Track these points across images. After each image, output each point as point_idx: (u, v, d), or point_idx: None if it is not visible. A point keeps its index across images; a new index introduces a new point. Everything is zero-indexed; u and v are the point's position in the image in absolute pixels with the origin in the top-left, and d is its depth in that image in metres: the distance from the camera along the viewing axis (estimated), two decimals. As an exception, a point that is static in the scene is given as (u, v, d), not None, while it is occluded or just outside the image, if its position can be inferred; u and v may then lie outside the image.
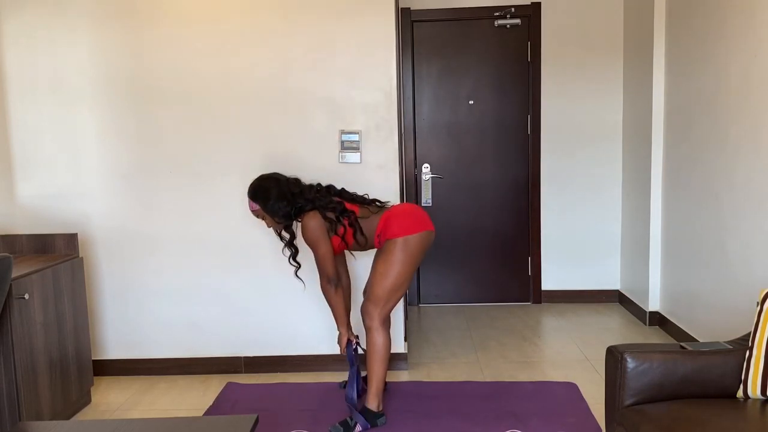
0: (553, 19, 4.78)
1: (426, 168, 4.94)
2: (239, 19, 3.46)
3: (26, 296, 2.71)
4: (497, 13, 4.79)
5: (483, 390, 3.31)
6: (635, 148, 4.52)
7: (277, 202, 2.95)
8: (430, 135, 4.93)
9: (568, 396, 3.21)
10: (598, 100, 4.81)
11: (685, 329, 3.88)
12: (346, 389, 3.33)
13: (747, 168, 3.12)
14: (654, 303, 4.31)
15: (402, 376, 3.56)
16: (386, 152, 3.51)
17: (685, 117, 3.82)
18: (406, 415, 3.03)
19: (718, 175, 3.42)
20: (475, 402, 3.16)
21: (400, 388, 3.35)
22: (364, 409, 2.94)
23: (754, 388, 2.11)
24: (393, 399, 3.21)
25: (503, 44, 4.85)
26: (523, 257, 5.00)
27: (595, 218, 4.91)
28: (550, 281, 4.99)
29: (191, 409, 3.23)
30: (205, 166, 3.56)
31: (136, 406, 3.28)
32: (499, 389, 3.31)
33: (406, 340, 3.70)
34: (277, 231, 3.12)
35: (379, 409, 2.95)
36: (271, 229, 3.17)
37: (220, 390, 3.42)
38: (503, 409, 3.07)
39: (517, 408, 3.07)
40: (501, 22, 4.81)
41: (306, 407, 3.16)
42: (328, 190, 3.07)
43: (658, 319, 4.29)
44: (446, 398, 3.21)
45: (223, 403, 3.23)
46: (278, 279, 3.61)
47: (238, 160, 3.54)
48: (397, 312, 3.56)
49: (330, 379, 3.53)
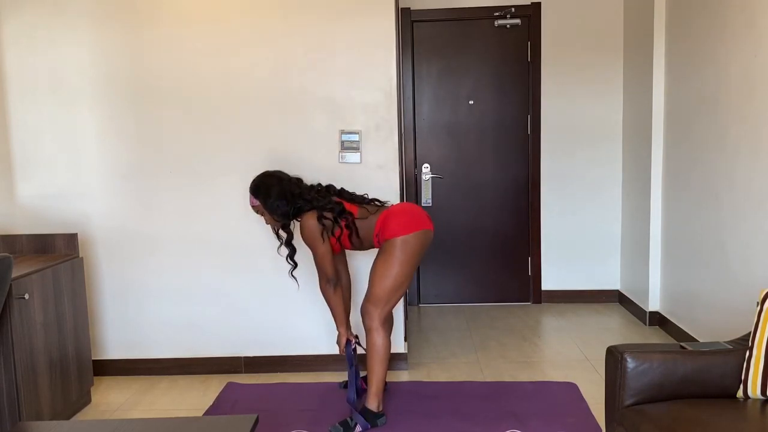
0: (553, 19, 4.78)
1: (426, 168, 4.94)
2: (239, 19, 3.46)
3: (26, 296, 2.71)
4: (497, 13, 4.79)
5: (483, 390, 3.31)
6: (635, 148, 4.52)
7: (277, 201, 2.96)
8: (430, 135, 4.93)
9: (568, 396, 3.21)
10: (598, 100, 4.81)
11: (685, 329, 3.88)
12: (347, 389, 3.34)
13: (747, 168, 3.12)
14: (654, 303, 4.31)
15: (402, 376, 3.56)
16: (386, 152, 3.51)
17: (685, 117, 3.82)
18: (406, 415, 3.03)
19: (718, 175, 3.42)
20: (475, 402, 3.16)
21: (400, 388, 3.35)
22: (364, 409, 2.93)
23: (754, 388, 2.11)
24: (393, 399, 3.21)
25: (503, 44, 4.85)
26: (523, 257, 5.00)
27: (595, 218, 4.91)
28: (550, 281, 4.99)
29: (191, 409, 3.23)
30: (205, 166, 3.56)
31: (136, 406, 3.28)
32: (499, 389, 3.31)
33: (406, 340, 3.69)
34: (274, 229, 3.13)
35: (379, 409, 2.95)
36: (269, 226, 3.17)
37: (220, 390, 3.42)
38: (503, 409, 3.07)
39: (517, 408, 3.07)
40: (501, 22, 4.81)
41: (306, 407, 3.16)
42: (328, 190, 3.08)
43: (658, 319, 4.29)
44: (446, 398, 3.21)
45: (223, 403, 3.23)
46: (278, 279, 3.61)
47: (238, 160, 3.54)
48: (397, 312, 3.56)
49: (330, 379, 3.53)
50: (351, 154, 3.49)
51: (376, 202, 3.10)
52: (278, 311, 3.64)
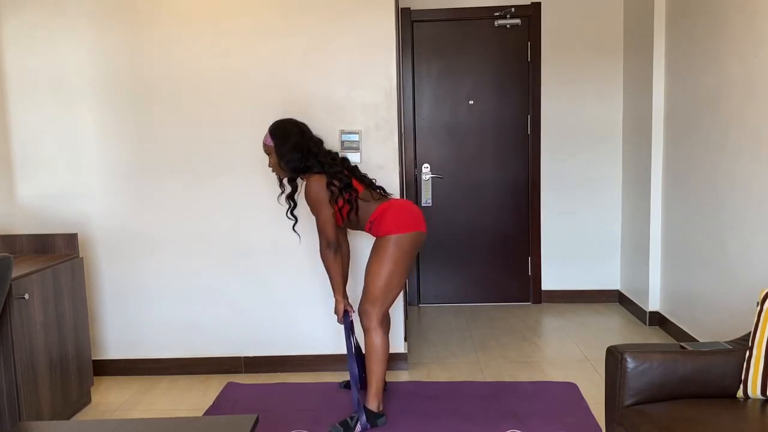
0: (553, 19, 4.78)
1: (426, 168, 4.94)
2: (239, 19, 3.46)
3: (26, 296, 2.71)
4: (497, 13, 4.79)
5: (483, 390, 3.31)
6: (635, 148, 4.52)
7: (292, 151, 2.92)
8: (430, 135, 4.93)
9: (568, 396, 3.21)
10: (598, 100, 4.81)
11: (685, 329, 3.88)
12: (347, 388, 3.34)
13: (747, 168, 3.12)
14: (654, 303, 4.31)
15: (402, 376, 3.56)
16: (386, 152, 3.51)
17: (685, 117, 3.82)
18: (406, 415, 3.03)
19: (719, 175, 3.42)
20: (475, 402, 3.16)
21: (400, 388, 3.35)
22: (364, 409, 2.93)
23: (754, 388, 2.11)
24: (393, 399, 3.21)
25: (503, 44, 4.85)
26: (523, 257, 5.00)
27: (595, 218, 4.91)
28: (550, 281, 4.99)
29: (191, 409, 3.23)
30: (205, 166, 3.56)
31: (136, 406, 3.28)
32: (499, 389, 3.31)
33: (406, 340, 3.69)
34: (278, 176, 3.07)
35: (379, 409, 2.95)
36: (272, 170, 3.09)
37: (220, 390, 3.42)
38: (503, 409, 3.07)
39: (517, 408, 3.07)
40: (501, 22, 4.81)
41: (306, 407, 3.16)
42: (343, 162, 3.03)
43: (658, 319, 4.29)
44: (446, 398, 3.21)
45: (223, 403, 3.23)
46: (278, 279, 3.61)
47: (238, 160, 3.54)
48: (397, 312, 3.56)
49: (330, 379, 3.53)
50: (351, 154, 3.49)
51: (381, 191, 3.09)
52: (278, 311, 3.64)
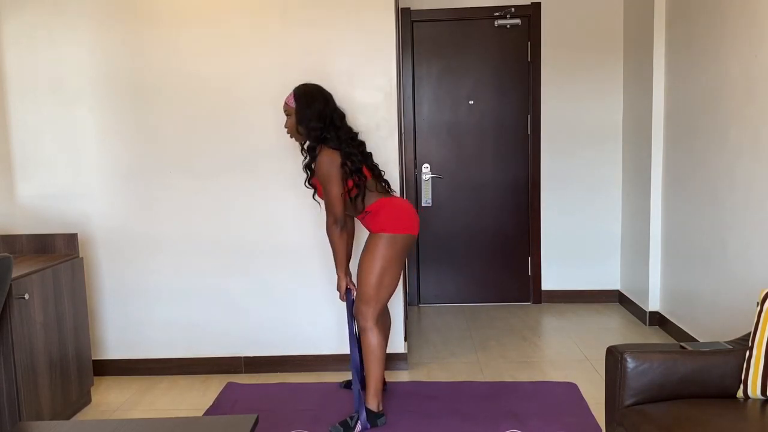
0: (553, 19, 4.78)
1: (426, 168, 4.94)
2: (239, 19, 3.46)
3: (26, 296, 2.71)
4: (497, 13, 4.79)
5: (483, 390, 3.31)
6: (635, 148, 4.52)
7: (314, 119, 2.90)
8: (430, 135, 4.93)
9: (568, 396, 3.21)
10: (598, 100, 4.81)
11: (685, 329, 3.88)
12: (347, 388, 3.34)
13: (747, 168, 3.12)
14: (654, 303, 4.31)
15: (402, 376, 3.56)
16: (386, 152, 3.51)
17: (685, 117, 3.82)
18: (406, 415, 3.03)
19: (719, 175, 3.42)
20: (475, 402, 3.16)
21: (400, 388, 3.35)
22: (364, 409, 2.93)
23: (754, 388, 2.11)
24: (393, 399, 3.21)
25: (503, 44, 4.85)
26: (523, 257, 5.00)
27: (595, 218, 4.91)
28: (550, 281, 4.99)
29: (191, 409, 3.23)
30: (205, 166, 3.56)
31: (136, 406, 3.28)
32: (499, 389, 3.31)
33: (406, 340, 3.69)
34: (294, 138, 3.04)
35: (379, 409, 2.95)
36: (287, 131, 3.06)
37: (220, 390, 3.42)
38: (503, 409, 3.07)
39: (517, 408, 3.07)
40: (501, 22, 4.80)
41: (306, 407, 3.16)
42: (359, 144, 3.02)
43: (658, 319, 4.29)
44: (446, 398, 3.21)
45: (223, 403, 3.23)
46: (278, 279, 3.61)
47: (238, 160, 3.54)
48: (397, 312, 3.56)
49: (330, 379, 3.53)
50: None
51: (386, 185, 3.09)
52: (278, 311, 3.64)
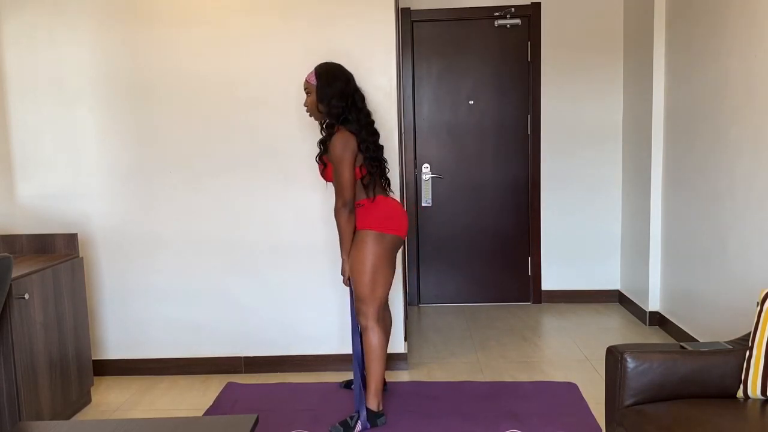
0: (553, 19, 4.78)
1: (426, 168, 4.94)
2: (239, 19, 3.46)
3: (26, 296, 2.71)
4: (497, 13, 4.79)
5: (483, 390, 3.31)
6: (635, 148, 4.52)
7: (336, 97, 2.88)
8: (430, 135, 4.93)
9: (568, 396, 3.21)
10: (598, 100, 4.81)
11: (685, 329, 3.88)
12: (347, 388, 3.34)
13: (747, 168, 3.12)
14: (654, 303, 4.31)
15: (402, 376, 3.56)
16: (386, 152, 3.50)
17: (686, 117, 3.82)
18: (406, 415, 3.03)
19: (719, 175, 3.42)
20: (475, 402, 3.16)
21: (400, 388, 3.35)
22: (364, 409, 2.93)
23: (754, 388, 2.11)
24: (393, 399, 3.21)
25: (503, 44, 4.85)
26: (523, 257, 5.00)
27: (595, 218, 4.91)
28: (550, 281, 4.99)
29: (191, 409, 3.23)
30: (205, 166, 3.56)
31: (136, 406, 3.28)
32: (499, 389, 3.31)
33: (406, 340, 3.69)
34: (313, 117, 3.03)
35: (379, 408, 2.95)
36: (305, 109, 3.05)
37: (220, 390, 3.42)
38: (503, 409, 3.07)
39: (517, 408, 3.07)
40: (501, 22, 4.81)
41: (306, 407, 3.16)
42: (376, 133, 3.01)
43: (658, 319, 4.29)
44: (446, 398, 3.21)
45: (223, 403, 3.23)
46: (278, 279, 3.61)
47: (238, 160, 3.54)
48: (397, 312, 3.56)
49: (330, 379, 3.53)
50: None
51: (386, 183, 3.08)
52: (278, 311, 3.64)
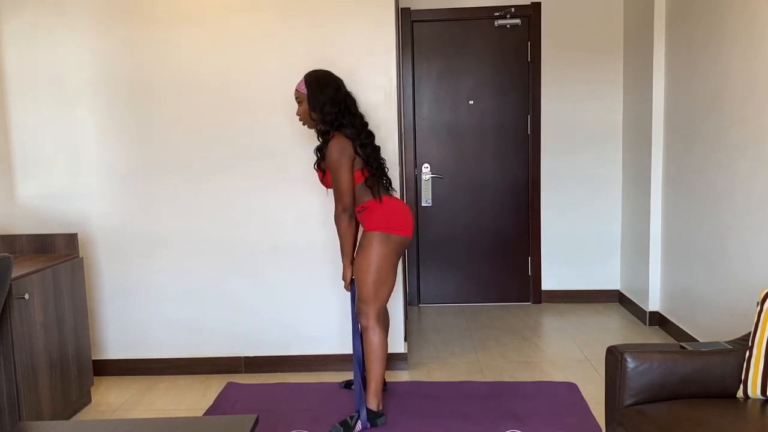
0: (553, 19, 4.78)
1: (426, 168, 4.94)
2: (239, 19, 3.46)
3: (26, 296, 2.71)
4: (497, 13, 4.79)
5: (483, 390, 3.31)
6: (635, 148, 4.52)
7: (328, 103, 2.89)
8: (430, 135, 4.93)
9: (568, 396, 3.21)
10: (598, 100, 4.81)
11: (685, 329, 3.88)
12: (347, 388, 3.34)
13: (747, 168, 3.12)
14: (654, 303, 4.31)
15: (402, 376, 3.56)
16: (386, 152, 3.50)
17: (685, 117, 3.82)
18: (406, 415, 3.03)
19: (719, 175, 3.42)
20: (475, 402, 3.16)
21: (400, 388, 3.35)
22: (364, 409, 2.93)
23: (754, 388, 2.11)
24: (393, 399, 3.21)
25: (503, 44, 4.85)
26: (523, 257, 5.00)
27: (595, 218, 4.91)
28: (550, 281, 4.99)
29: (191, 409, 3.23)
30: (205, 166, 3.56)
31: (136, 406, 3.28)
32: (499, 389, 3.31)
33: (406, 340, 3.69)
34: (306, 125, 3.02)
35: (379, 408, 2.95)
36: (299, 119, 3.04)
37: (220, 390, 3.42)
38: (503, 409, 3.07)
39: (517, 408, 3.07)
40: (501, 22, 4.80)
41: (306, 407, 3.16)
42: (371, 135, 3.00)
43: (658, 319, 4.29)
44: (446, 398, 3.21)
45: (223, 403, 3.23)
46: (278, 279, 3.61)
47: (238, 160, 3.54)
48: (397, 312, 3.57)
49: (330, 379, 3.53)
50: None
51: (388, 183, 3.07)
52: (278, 311, 3.64)
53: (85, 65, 3.51)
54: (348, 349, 3.50)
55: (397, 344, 3.59)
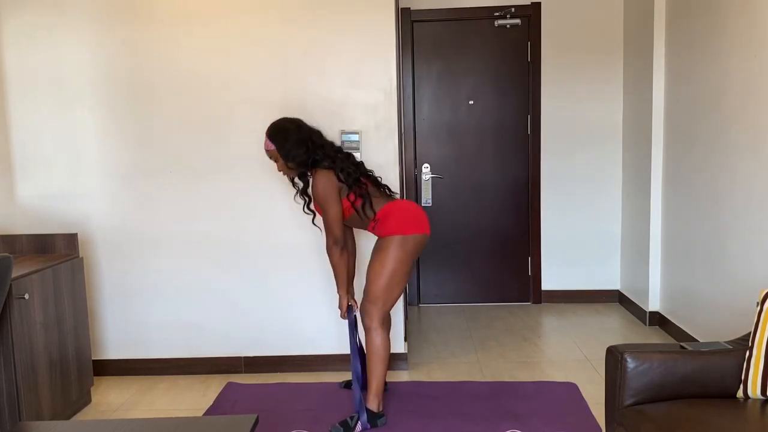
0: (553, 19, 4.78)
1: (426, 168, 4.94)
2: (239, 19, 3.46)
3: (26, 296, 2.71)
4: (497, 13, 4.79)
5: (483, 390, 3.31)
6: (635, 148, 4.52)
7: (296, 148, 2.90)
8: (430, 135, 4.93)
9: (568, 396, 3.21)
10: (598, 100, 4.81)
11: (685, 329, 3.88)
12: (347, 388, 3.34)
13: (747, 168, 3.12)
14: (654, 303, 4.31)
15: (402, 376, 3.56)
16: (386, 152, 3.51)
17: (686, 117, 3.82)
18: (406, 415, 3.03)
19: (719, 175, 3.42)
20: (475, 402, 3.16)
21: (400, 388, 3.35)
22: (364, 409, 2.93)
23: (754, 388, 2.11)
24: (393, 399, 3.21)
25: (503, 44, 4.85)
26: (523, 257, 5.00)
27: (595, 218, 4.91)
28: (550, 281, 4.99)
29: (191, 409, 3.23)
30: (205, 166, 3.56)
31: (136, 406, 3.28)
32: (499, 389, 3.31)
33: (406, 340, 3.70)
34: (289, 177, 3.05)
35: (379, 409, 2.95)
36: (282, 173, 3.07)
37: (220, 390, 3.42)
38: (503, 409, 3.07)
39: (517, 408, 3.07)
40: (501, 22, 4.81)
41: (306, 407, 3.16)
42: (348, 156, 3.01)
43: (658, 319, 4.29)
44: (446, 398, 3.21)
45: (223, 403, 3.23)
46: (279, 278, 3.61)
47: (238, 160, 3.54)
48: (397, 312, 3.56)
49: (330, 379, 3.53)
50: (351, 154, 3.48)
51: (387, 190, 3.08)
52: (278, 311, 3.64)
53: (85, 65, 3.51)
54: (348, 349, 3.50)
55: (398, 344, 3.59)
